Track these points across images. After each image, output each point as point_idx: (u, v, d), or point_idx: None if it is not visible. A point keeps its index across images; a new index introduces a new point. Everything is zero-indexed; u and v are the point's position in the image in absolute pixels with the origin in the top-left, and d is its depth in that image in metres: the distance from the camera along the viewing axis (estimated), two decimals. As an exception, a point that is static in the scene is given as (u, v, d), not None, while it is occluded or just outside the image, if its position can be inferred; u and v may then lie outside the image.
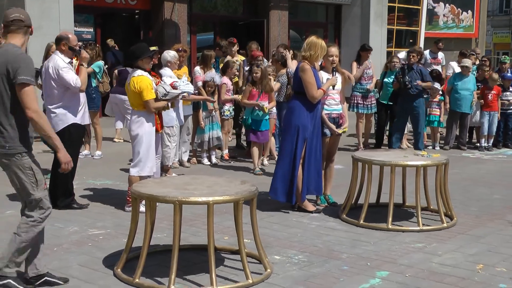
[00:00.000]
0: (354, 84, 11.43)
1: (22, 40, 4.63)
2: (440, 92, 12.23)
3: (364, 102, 11.66)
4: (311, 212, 7.11)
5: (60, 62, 7.11)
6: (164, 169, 8.56)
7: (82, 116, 7.33)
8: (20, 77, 4.36)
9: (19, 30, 4.61)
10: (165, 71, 8.47)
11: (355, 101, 11.65)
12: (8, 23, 4.58)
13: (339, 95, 7.55)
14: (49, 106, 7.22)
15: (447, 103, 12.27)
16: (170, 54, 8.84)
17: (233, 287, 4.83)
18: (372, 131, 12.36)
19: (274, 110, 9.97)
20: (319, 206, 7.40)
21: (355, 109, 11.72)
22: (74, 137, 7.18)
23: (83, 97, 7.38)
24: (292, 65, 10.27)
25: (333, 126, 7.42)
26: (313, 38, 7.07)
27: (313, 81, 6.97)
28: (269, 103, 9.55)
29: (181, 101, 8.67)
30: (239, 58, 11.82)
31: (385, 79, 11.67)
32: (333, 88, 7.31)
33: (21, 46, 4.61)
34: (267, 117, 9.57)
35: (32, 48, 12.75)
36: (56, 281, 4.78)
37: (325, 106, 7.42)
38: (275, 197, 7.26)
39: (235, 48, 11.81)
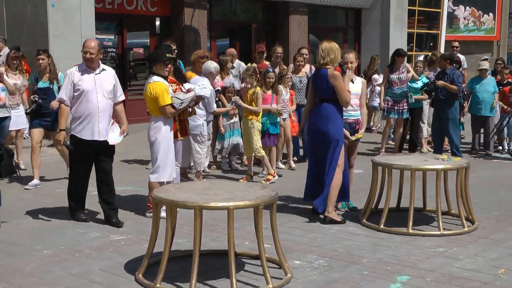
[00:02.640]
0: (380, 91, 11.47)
1: None
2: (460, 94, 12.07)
3: (395, 107, 11.43)
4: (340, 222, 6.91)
5: None
6: (196, 174, 8.79)
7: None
8: None
9: None
10: (203, 81, 8.32)
11: (387, 106, 11.48)
12: None
13: (358, 99, 7.54)
14: None
15: (464, 106, 12.13)
16: (214, 65, 8.90)
17: (254, 292, 4.86)
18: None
19: (285, 115, 9.99)
20: (340, 210, 7.40)
21: (385, 114, 11.63)
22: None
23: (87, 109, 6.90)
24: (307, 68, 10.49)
25: (346, 133, 7.35)
26: (326, 44, 7.04)
27: (346, 86, 7.02)
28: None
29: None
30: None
31: (409, 84, 11.56)
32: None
33: None
34: (277, 119, 9.60)
35: (55, 55, 12.93)
36: None
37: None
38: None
39: (264, 55, 11.64)
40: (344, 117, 7.30)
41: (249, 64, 11.28)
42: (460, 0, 23.80)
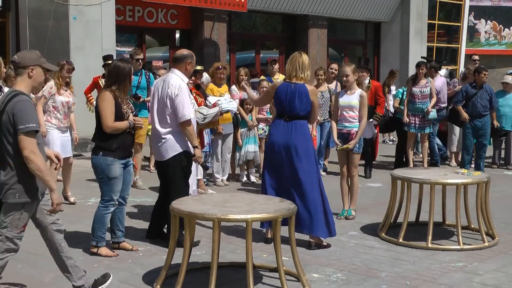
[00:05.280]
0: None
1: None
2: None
3: (416, 122, 11.13)
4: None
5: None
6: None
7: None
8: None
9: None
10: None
11: (408, 120, 11.15)
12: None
13: (352, 112, 7.62)
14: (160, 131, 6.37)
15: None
16: (205, 77, 8.97)
17: (271, 304, 4.84)
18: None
19: None
20: (338, 218, 7.47)
21: (406, 128, 11.27)
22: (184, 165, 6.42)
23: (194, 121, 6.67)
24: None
25: (336, 140, 7.64)
26: (304, 58, 6.51)
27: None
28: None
29: None
30: (280, 77, 11.81)
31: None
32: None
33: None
34: None
35: (75, 67, 13.04)
36: None
37: (338, 122, 7.71)
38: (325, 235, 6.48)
39: (276, 66, 11.62)
40: (338, 128, 7.67)
41: (262, 77, 11.29)
42: (481, 14, 23.71)
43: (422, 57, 13.06)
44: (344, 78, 7.63)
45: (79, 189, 9.36)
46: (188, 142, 6.29)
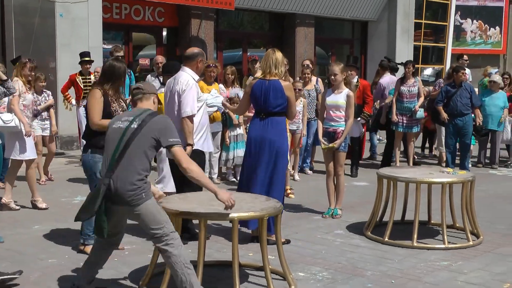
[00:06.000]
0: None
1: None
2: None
3: (404, 121, 11.16)
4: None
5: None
6: None
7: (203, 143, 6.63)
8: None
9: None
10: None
11: (396, 120, 11.16)
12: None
13: (339, 111, 7.65)
14: None
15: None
16: None
17: (257, 303, 4.85)
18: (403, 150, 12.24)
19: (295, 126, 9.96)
20: (324, 217, 7.56)
21: (392, 127, 11.29)
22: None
23: (206, 120, 6.77)
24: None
25: (321, 139, 7.65)
26: (278, 54, 6.56)
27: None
28: None
29: None
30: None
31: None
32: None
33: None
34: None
35: (61, 64, 13.02)
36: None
37: (325, 121, 7.73)
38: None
39: (257, 65, 11.61)
40: (324, 127, 7.69)
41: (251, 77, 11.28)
42: (467, 14, 23.85)
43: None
44: (332, 77, 7.64)
45: (65, 187, 9.33)
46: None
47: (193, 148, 6.29)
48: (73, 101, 10.89)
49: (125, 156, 4.50)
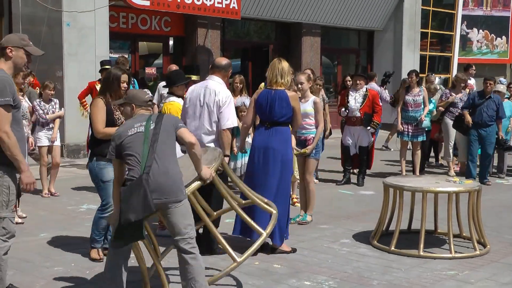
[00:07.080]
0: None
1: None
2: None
3: (409, 130, 11.19)
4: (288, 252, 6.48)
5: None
6: None
7: None
8: None
9: None
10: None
11: (402, 129, 11.20)
12: None
13: (310, 119, 7.77)
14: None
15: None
16: None
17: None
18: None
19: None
20: (291, 223, 7.29)
21: (398, 136, 11.35)
22: None
23: None
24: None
25: (294, 147, 7.40)
26: (284, 64, 6.60)
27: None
28: None
29: None
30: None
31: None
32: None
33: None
34: None
35: (68, 73, 13.08)
36: None
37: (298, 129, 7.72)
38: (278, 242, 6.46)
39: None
40: (298, 135, 7.71)
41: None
42: (473, 23, 23.83)
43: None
44: (299, 86, 7.68)
45: (71, 195, 9.34)
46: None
47: None
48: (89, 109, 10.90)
49: (157, 152, 4.53)
